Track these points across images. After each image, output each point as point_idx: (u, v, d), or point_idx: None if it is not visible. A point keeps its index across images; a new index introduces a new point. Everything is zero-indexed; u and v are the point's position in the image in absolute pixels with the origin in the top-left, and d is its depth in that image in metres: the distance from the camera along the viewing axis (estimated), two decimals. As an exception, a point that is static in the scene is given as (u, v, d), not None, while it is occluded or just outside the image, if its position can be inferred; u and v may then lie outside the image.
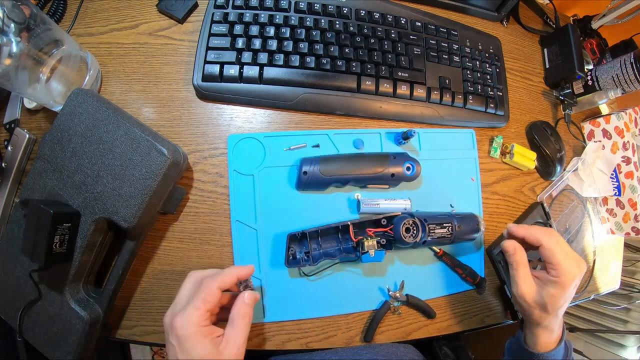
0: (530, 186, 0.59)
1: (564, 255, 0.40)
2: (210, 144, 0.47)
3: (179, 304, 0.33)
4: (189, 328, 0.31)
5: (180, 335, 0.31)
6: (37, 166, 0.38)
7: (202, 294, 0.33)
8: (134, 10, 0.50)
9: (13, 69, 0.36)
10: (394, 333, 0.48)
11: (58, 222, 0.35)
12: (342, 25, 0.50)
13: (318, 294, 0.46)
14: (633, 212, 0.59)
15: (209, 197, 0.46)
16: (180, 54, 0.49)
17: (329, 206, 0.47)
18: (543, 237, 0.41)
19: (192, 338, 0.31)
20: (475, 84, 0.55)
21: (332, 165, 0.45)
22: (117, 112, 0.38)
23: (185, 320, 0.31)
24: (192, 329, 0.31)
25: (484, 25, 0.63)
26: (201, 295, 0.32)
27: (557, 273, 0.39)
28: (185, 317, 0.31)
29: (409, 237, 0.43)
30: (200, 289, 0.33)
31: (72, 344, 0.38)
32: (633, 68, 0.56)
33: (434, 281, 0.50)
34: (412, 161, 0.47)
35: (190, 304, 0.32)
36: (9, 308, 0.39)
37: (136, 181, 0.36)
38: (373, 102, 0.50)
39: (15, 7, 0.35)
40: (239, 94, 0.47)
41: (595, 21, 0.69)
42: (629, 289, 0.89)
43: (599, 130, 0.62)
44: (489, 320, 0.52)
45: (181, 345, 0.31)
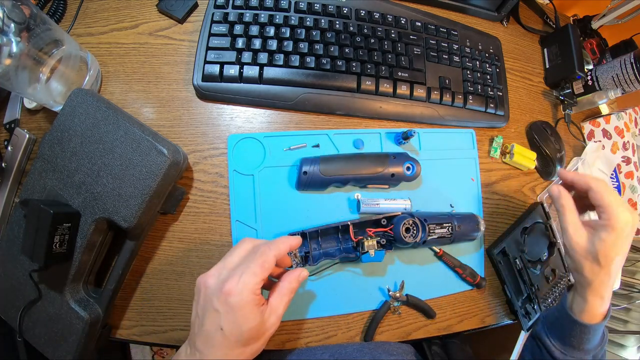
0: (530, 186, 0.59)
1: (615, 198, 0.37)
2: (210, 144, 0.47)
3: (227, 268, 0.31)
4: (246, 295, 0.29)
5: (233, 303, 0.28)
6: (37, 166, 0.38)
7: (260, 259, 0.30)
8: (134, 10, 0.50)
9: (13, 69, 0.36)
10: (394, 333, 0.48)
11: (58, 222, 0.35)
12: (342, 25, 0.50)
13: (318, 294, 0.46)
14: (633, 212, 0.59)
15: (209, 197, 0.46)
16: (180, 54, 0.49)
17: (329, 206, 0.47)
18: (592, 180, 0.39)
19: (246, 306, 0.29)
20: (475, 84, 0.55)
21: (332, 165, 0.45)
22: (117, 112, 0.38)
23: (241, 286, 0.29)
24: (249, 297, 0.29)
25: (484, 25, 0.63)
26: (259, 261, 0.30)
27: (607, 216, 0.37)
28: (242, 284, 0.29)
29: (409, 237, 0.43)
30: (257, 255, 0.31)
31: (72, 344, 0.38)
32: (633, 68, 0.56)
33: (434, 281, 0.50)
34: (412, 161, 0.47)
35: (246, 269, 0.30)
36: (9, 308, 0.39)
37: (136, 181, 0.36)
38: (373, 102, 0.50)
39: (15, 7, 0.35)
40: (239, 94, 0.47)
41: (595, 21, 0.69)
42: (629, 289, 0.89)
43: (599, 130, 0.62)
44: (489, 320, 0.52)
45: (232, 313, 0.29)
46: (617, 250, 0.36)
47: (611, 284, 0.38)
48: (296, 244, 0.35)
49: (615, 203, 0.37)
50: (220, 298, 0.29)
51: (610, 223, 0.36)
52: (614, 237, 0.36)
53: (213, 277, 0.30)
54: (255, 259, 0.31)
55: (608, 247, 0.36)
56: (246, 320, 0.29)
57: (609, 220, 0.37)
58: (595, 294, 0.38)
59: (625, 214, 0.36)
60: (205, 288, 0.30)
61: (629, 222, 0.36)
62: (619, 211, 0.36)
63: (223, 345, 0.29)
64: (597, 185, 0.39)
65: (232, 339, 0.29)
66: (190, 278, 0.44)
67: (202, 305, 0.30)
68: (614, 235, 0.36)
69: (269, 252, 0.31)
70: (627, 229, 0.36)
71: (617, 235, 0.36)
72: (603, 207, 0.37)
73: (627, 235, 0.37)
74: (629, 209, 0.37)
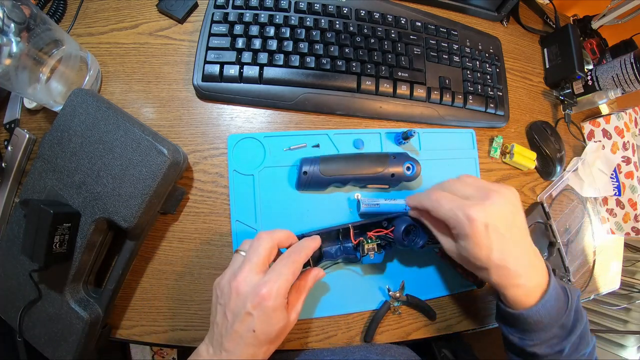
0: (530, 186, 0.59)
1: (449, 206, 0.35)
2: (210, 144, 0.47)
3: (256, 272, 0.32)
4: (280, 299, 0.31)
5: (268, 307, 0.30)
6: (37, 166, 0.38)
7: (293, 267, 0.33)
8: (134, 10, 0.50)
9: (13, 69, 0.36)
10: (394, 333, 0.48)
11: (58, 222, 0.35)
12: (342, 25, 0.50)
13: (318, 294, 0.46)
14: (633, 212, 0.59)
15: (209, 197, 0.46)
16: (180, 54, 0.49)
17: (329, 206, 0.47)
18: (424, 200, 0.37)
19: (280, 308, 0.31)
20: (475, 84, 0.55)
21: (332, 165, 0.45)
22: (117, 112, 0.38)
23: (275, 293, 0.31)
24: (282, 301, 0.31)
25: (484, 25, 0.63)
26: (292, 269, 0.32)
27: (453, 226, 0.34)
28: (279, 290, 0.31)
29: (409, 240, 0.42)
30: (290, 261, 0.33)
31: (72, 344, 0.38)
32: (633, 68, 0.56)
33: (434, 281, 0.50)
34: (412, 161, 0.47)
35: (280, 276, 0.31)
36: (9, 308, 0.39)
37: (136, 181, 0.36)
38: (373, 102, 0.50)
39: (15, 7, 0.35)
40: (239, 94, 0.47)
41: (595, 21, 0.69)
42: (629, 289, 0.89)
43: (599, 130, 0.62)
44: (489, 320, 0.52)
45: (265, 316, 0.31)
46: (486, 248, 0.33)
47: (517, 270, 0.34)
48: (318, 244, 0.38)
49: (451, 211, 0.34)
50: (255, 301, 0.30)
51: (460, 232, 0.34)
52: (472, 241, 0.33)
53: (244, 283, 0.31)
54: (288, 266, 0.33)
55: (475, 252, 0.33)
56: (277, 321, 0.31)
57: (457, 229, 0.34)
58: (508, 286, 0.35)
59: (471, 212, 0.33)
60: (237, 293, 0.31)
61: (479, 219, 0.33)
62: (459, 217, 0.33)
63: (253, 345, 0.31)
64: (430, 204, 0.37)
65: (263, 338, 0.31)
66: (190, 278, 0.44)
67: (232, 310, 0.31)
68: (470, 240, 0.33)
69: (301, 260, 0.34)
70: (480, 226, 0.33)
71: (474, 238, 0.33)
72: (445, 220, 0.35)
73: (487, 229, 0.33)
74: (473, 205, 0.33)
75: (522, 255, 0.35)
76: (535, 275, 0.35)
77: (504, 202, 0.34)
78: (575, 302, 0.37)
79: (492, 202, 0.33)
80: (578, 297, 0.38)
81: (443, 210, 0.35)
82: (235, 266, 0.34)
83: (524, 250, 0.35)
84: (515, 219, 0.35)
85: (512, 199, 0.35)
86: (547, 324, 0.35)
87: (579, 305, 0.38)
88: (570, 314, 0.36)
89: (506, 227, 0.33)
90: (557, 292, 0.36)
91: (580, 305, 0.38)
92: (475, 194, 0.35)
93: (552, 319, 0.35)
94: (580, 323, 0.36)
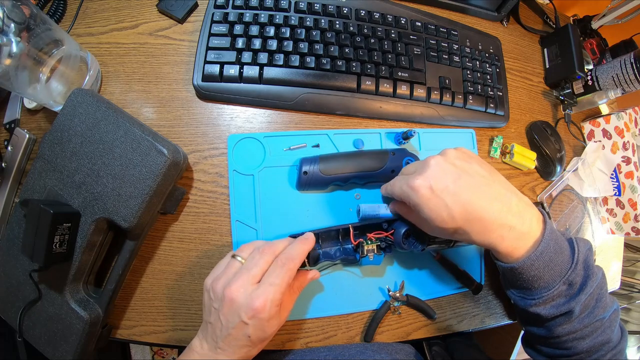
0: (530, 186, 0.59)
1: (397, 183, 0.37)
2: (210, 144, 0.47)
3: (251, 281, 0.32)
4: (274, 311, 0.32)
5: (262, 317, 0.31)
6: (37, 166, 0.38)
7: (287, 276, 0.33)
8: (134, 10, 0.50)
9: (13, 69, 0.36)
10: (394, 333, 0.48)
11: (58, 222, 0.35)
12: (342, 25, 0.50)
13: (318, 294, 0.46)
14: (633, 212, 0.59)
15: (209, 197, 0.46)
16: (180, 54, 0.49)
17: (330, 205, 0.47)
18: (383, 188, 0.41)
19: (274, 317, 0.32)
20: (475, 84, 0.55)
21: (332, 164, 0.45)
22: (117, 112, 0.38)
23: (270, 304, 0.31)
24: (276, 309, 0.32)
25: (484, 25, 0.63)
26: (285, 278, 0.33)
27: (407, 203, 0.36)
28: (271, 301, 0.31)
29: (409, 243, 0.42)
30: (283, 271, 0.33)
31: (72, 344, 0.38)
32: (633, 68, 0.56)
33: (434, 281, 0.50)
34: (411, 157, 0.47)
35: (273, 286, 0.32)
36: (9, 308, 0.39)
37: (136, 181, 0.36)
38: (373, 102, 0.50)
39: (15, 7, 0.35)
40: (239, 94, 0.47)
41: (595, 21, 0.69)
42: (629, 289, 0.89)
43: (599, 130, 0.62)
44: (490, 320, 0.52)
45: (260, 325, 0.32)
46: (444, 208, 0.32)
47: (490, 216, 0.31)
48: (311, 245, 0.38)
49: (400, 189, 0.36)
50: (249, 314, 0.31)
51: (413, 204, 0.34)
52: (427, 208, 0.32)
53: (239, 293, 0.32)
54: (282, 276, 0.33)
55: (436, 217, 0.32)
56: (271, 327, 0.33)
57: (409, 202, 0.35)
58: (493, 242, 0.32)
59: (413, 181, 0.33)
60: (231, 302, 0.32)
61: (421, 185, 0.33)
62: (405, 190, 0.34)
63: (248, 346, 0.33)
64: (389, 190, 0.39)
65: (257, 341, 0.33)
66: (190, 278, 0.44)
67: (227, 316, 0.32)
68: (425, 207, 0.33)
69: (294, 268, 0.34)
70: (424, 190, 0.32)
71: (426, 204, 0.32)
72: (400, 198, 0.37)
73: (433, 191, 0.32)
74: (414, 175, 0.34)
75: (494, 202, 0.31)
76: (521, 221, 0.32)
77: (443, 160, 0.33)
78: (584, 255, 0.33)
79: (430, 166, 0.33)
80: (588, 250, 0.34)
81: (394, 189, 0.37)
82: (230, 272, 0.34)
83: (496, 196, 0.32)
84: (464, 170, 0.33)
85: (454, 155, 0.34)
86: (549, 280, 0.32)
87: (590, 260, 0.34)
88: (577, 268, 0.32)
89: (454, 181, 0.32)
90: (557, 242, 0.33)
91: (591, 261, 0.34)
92: (418, 166, 0.36)
93: (555, 274, 0.32)
94: (592, 280, 0.32)
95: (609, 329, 0.34)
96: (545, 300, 0.33)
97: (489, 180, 0.33)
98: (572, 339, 0.34)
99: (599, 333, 0.34)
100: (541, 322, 0.35)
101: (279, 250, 0.35)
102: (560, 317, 0.33)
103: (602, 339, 0.34)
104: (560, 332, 0.34)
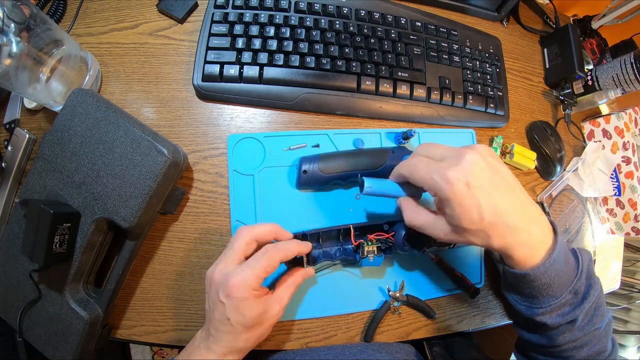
0: (530, 186, 0.59)
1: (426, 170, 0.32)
2: (210, 144, 0.47)
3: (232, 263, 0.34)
4: (247, 292, 0.32)
5: (235, 297, 0.32)
6: (37, 166, 0.38)
7: (265, 263, 0.33)
8: (134, 10, 0.50)
9: (13, 69, 0.36)
10: (394, 333, 0.48)
11: (58, 222, 0.35)
12: (342, 25, 0.50)
13: (318, 294, 0.46)
14: (633, 212, 0.59)
15: (209, 197, 0.46)
16: (180, 54, 0.49)
17: (330, 204, 0.47)
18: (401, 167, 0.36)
19: (247, 300, 0.32)
20: (475, 84, 0.55)
21: (332, 162, 0.45)
22: (117, 112, 0.38)
23: (243, 285, 0.32)
24: (250, 293, 0.32)
25: (484, 25, 0.63)
26: (264, 264, 0.33)
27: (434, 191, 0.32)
28: (244, 282, 0.32)
29: (409, 246, 0.42)
30: (264, 258, 0.34)
31: (72, 344, 0.38)
32: (633, 68, 0.56)
33: (434, 281, 0.50)
34: (411, 154, 0.46)
35: (251, 269, 0.33)
36: (9, 308, 0.39)
37: (136, 181, 0.36)
38: (373, 102, 0.50)
39: (15, 7, 0.35)
40: (239, 94, 0.47)
41: (595, 21, 0.69)
42: (629, 289, 0.89)
43: (599, 130, 0.62)
44: (490, 320, 0.52)
45: (234, 305, 0.32)
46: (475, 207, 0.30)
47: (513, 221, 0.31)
48: (305, 250, 0.38)
49: (428, 175, 0.32)
50: (225, 292, 0.32)
51: (442, 197, 0.31)
52: (458, 204, 0.30)
53: (219, 273, 0.33)
54: (259, 261, 0.33)
55: (464, 216, 0.30)
56: (249, 310, 0.33)
57: (439, 194, 0.32)
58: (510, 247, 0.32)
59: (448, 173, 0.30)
60: (212, 282, 0.34)
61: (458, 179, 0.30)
62: (437, 181, 0.31)
63: (231, 332, 0.33)
64: (407, 170, 0.35)
65: (238, 326, 0.33)
66: (190, 278, 0.44)
67: (212, 298, 0.34)
68: (455, 203, 0.30)
69: (277, 257, 0.34)
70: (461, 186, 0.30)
71: (458, 200, 0.30)
72: (424, 185, 0.33)
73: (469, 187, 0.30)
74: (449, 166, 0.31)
75: (517, 208, 0.31)
76: (538, 229, 0.32)
77: (480, 157, 0.31)
78: (587, 264, 0.34)
79: (467, 160, 0.31)
80: (590, 260, 0.35)
81: (420, 174, 0.33)
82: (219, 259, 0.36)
83: (519, 202, 0.32)
84: (497, 171, 0.32)
85: (488, 152, 0.33)
86: (557, 288, 0.32)
87: (592, 269, 0.35)
88: (582, 278, 0.33)
89: (489, 182, 0.31)
90: (566, 252, 0.33)
91: (592, 270, 0.35)
92: (449, 154, 0.33)
93: (563, 283, 0.32)
94: (594, 289, 0.33)
95: (605, 337, 0.36)
96: (552, 308, 0.33)
97: (514, 185, 0.33)
98: (572, 347, 0.35)
99: (596, 342, 0.35)
100: (544, 330, 0.35)
101: (256, 231, 0.36)
102: (564, 325, 0.34)
103: (599, 348, 0.35)
104: (561, 341, 0.34)
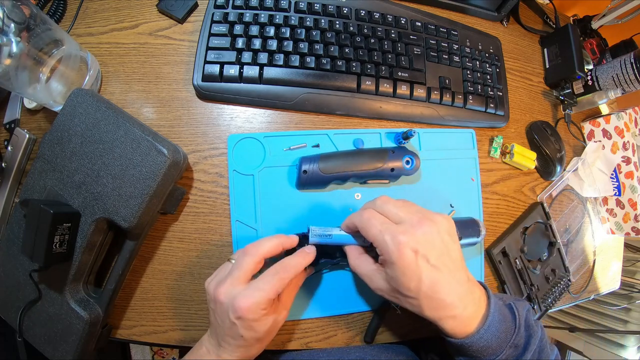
0: (530, 186, 0.59)
1: (380, 228, 0.32)
2: (210, 144, 0.47)
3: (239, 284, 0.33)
4: (259, 313, 0.32)
5: (249, 319, 0.32)
6: (37, 166, 0.38)
7: (278, 284, 0.33)
8: (134, 10, 0.50)
9: (13, 69, 0.36)
10: (394, 333, 0.48)
11: (58, 222, 0.35)
12: (342, 25, 0.50)
13: (318, 294, 0.46)
14: (633, 212, 0.59)
15: (209, 197, 0.46)
16: (180, 54, 0.49)
17: (330, 204, 0.47)
18: (355, 218, 0.35)
19: (261, 319, 0.32)
20: (475, 84, 0.55)
21: (332, 162, 0.45)
22: (117, 112, 0.38)
23: (256, 307, 0.32)
24: (261, 312, 0.32)
25: (484, 25, 0.63)
26: (276, 285, 0.33)
27: (381, 251, 0.33)
28: (258, 305, 0.32)
29: None
30: (275, 279, 0.33)
31: (72, 344, 0.38)
32: (633, 68, 0.56)
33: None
34: (411, 155, 0.47)
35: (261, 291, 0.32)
36: (9, 308, 0.39)
37: (136, 181, 0.36)
38: (373, 102, 0.50)
39: (15, 7, 0.35)
40: (239, 94, 0.47)
41: (595, 21, 0.69)
42: (629, 289, 0.89)
43: (599, 130, 0.62)
44: (489, 320, 0.52)
45: (249, 326, 0.32)
46: (415, 277, 0.31)
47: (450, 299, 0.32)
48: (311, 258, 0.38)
49: (380, 235, 0.32)
50: (235, 314, 0.32)
51: (387, 258, 0.32)
52: (400, 269, 0.31)
53: (225, 294, 0.33)
54: (272, 283, 0.33)
55: (403, 281, 0.31)
56: (262, 327, 0.33)
57: (385, 255, 0.32)
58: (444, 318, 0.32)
59: (400, 237, 0.31)
60: (219, 304, 0.33)
61: (407, 245, 0.31)
62: (388, 242, 0.31)
63: (244, 345, 0.34)
64: (360, 222, 0.34)
65: (252, 340, 0.33)
66: (190, 278, 0.44)
67: (220, 316, 0.33)
68: (398, 268, 0.31)
69: (287, 278, 0.34)
70: (408, 253, 0.31)
71: (401, 266, 0.31)
72: (374, 243, 0.33)
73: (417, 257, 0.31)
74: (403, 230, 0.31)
75: (456, 286, 0.32)
76: (472, 303, 0.33)
77: (437, 230, 0.32)
78: (524, 317, 0.35)
79: (423, 230, 0.32)
80: (527, 310, 0.36)
81: (373, 231, 0.33)
82: (221, 274, 0.35)
83: (458, 281, 0.33)
84: (449, 249, 0.33)
85: (446, 228, 0.33)
86: (496, 347, 0.33)
87: (530, 319, 0.36)
88: (520, 331, 0.34)
89: (437, 257, 0.31)
90: (501, 312, 0.34)
91: (531, 319, 0.36)
92: (407, 218, 0.33)
93: (501, 341, 0.33)
94: (535, 338, 0.34)
95: None
96: None
97: (460, 264, 0.34)
98: None
99: None
100: None
101: (263, 248, 0.35)
102: None
103: None
104: None
